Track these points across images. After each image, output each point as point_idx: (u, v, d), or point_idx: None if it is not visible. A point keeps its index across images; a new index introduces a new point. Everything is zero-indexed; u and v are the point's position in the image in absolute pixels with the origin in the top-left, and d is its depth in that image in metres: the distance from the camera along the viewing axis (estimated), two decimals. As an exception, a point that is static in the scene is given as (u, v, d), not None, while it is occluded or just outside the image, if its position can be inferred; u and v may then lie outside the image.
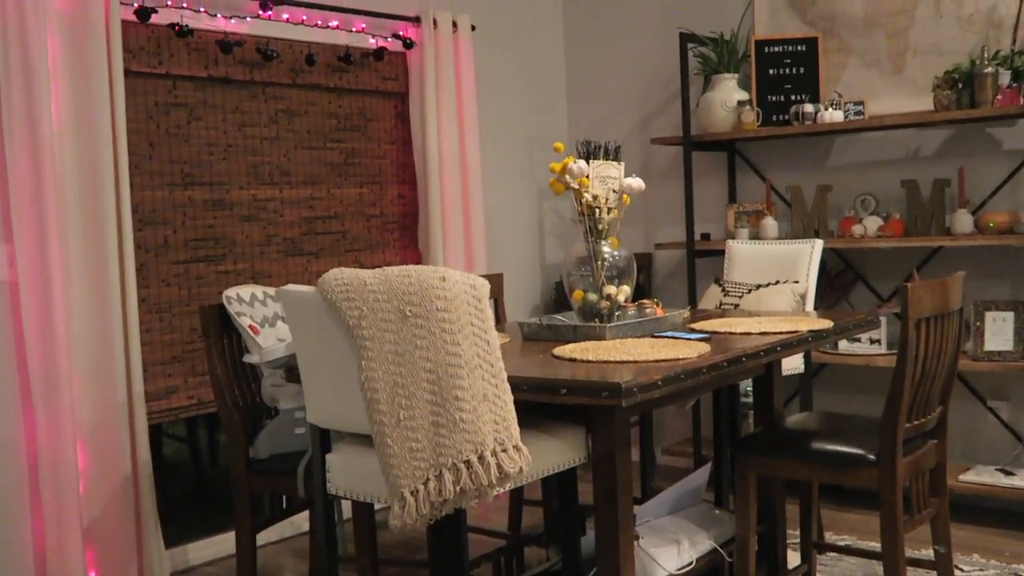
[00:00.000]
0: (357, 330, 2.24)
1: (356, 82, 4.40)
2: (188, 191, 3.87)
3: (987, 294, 4.24)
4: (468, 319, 2.21)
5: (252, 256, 4.08)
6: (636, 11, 5.17)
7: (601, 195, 3.08)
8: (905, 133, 4.45)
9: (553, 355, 2.68)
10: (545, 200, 5.31)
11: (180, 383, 3.85)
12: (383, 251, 4.58)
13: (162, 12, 3.67)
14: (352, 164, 4.45)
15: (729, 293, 3.98)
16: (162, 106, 3.80)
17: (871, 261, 4.57)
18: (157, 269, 3.79)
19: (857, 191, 4.54)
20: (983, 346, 4.11)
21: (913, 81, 4.38)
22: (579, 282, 3.13)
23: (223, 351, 3.21)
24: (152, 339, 3.76)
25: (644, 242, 5.17)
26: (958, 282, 2.92)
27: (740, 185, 4.92)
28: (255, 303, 3.23)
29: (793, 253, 4.01)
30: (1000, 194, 4.24)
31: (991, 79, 4.00)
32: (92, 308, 3.46)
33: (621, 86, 5.25)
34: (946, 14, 4.30)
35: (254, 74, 4.03)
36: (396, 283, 2.22)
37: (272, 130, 4.14)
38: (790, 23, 4.68)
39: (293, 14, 4.09)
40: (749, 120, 4.55)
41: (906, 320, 2.69)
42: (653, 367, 2.42)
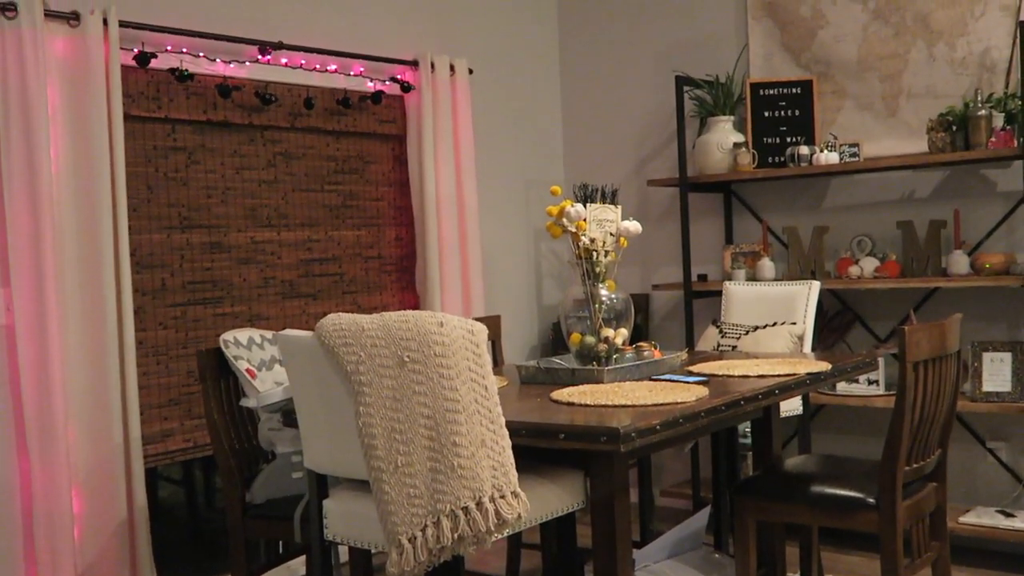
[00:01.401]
0: (355, 375, 2.23)
1: (354, 125, 4.43)
2: (186, 234, 3.88)
3: (984, 335, 4.24)
4: (466, 365, 2.21)
5: (250, 299, 4.08)
6: (632, 55, 5.21)
7: (598, 238, 3.09)
8: (900, 175, 4.47)
9: (551, 399, 2.67)
10: (542, 241, 5.32)
11: (176, 426, 3.83)
12: (381, 293, 4.58)
13: (162, 57, 3.69)
14: (350, 206, 4.46)
15: (727, 334, 3.98)
16: (161, 150, 3.82)
17: (868, 302, 4.58)
18: (154, 312, 3.79)
19: (853, 232, 4.56)
20: (981, 387, 4.10)
21: (907, 123, 4.41)
22: (577, 325, 3.14)
23: (220, 395, 3.20)
24: (149, 382, 3.74)
25: (641, 283, 5.18)
26: (955, 325, 2.92)
27: (737, 226, 4.94)
28: (252, 346, 3.22)
29: (790, 295, 4.02)
30: (996, 235, 4.26)
31: (985, 121, 4.03)
32: (89, 352, 3.45)
33: (618, 128, 5.29)
34: (939, 57, 4.34)
35: (253, 118, 4.05)
36: (394, 329, 2.22)
37: (270, 173, 4.16)
38: (785, 66, 4.72)
39: (292, 58, 4.12)
40: (745, 162, 4.58)
41: (904, 363, 2.69)
42: (651, 411, 2.42)
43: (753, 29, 4.80)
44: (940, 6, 4.32)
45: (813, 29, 4.64)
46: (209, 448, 3.71)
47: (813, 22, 4.63)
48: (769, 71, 4.75)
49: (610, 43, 5.28)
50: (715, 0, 4.93)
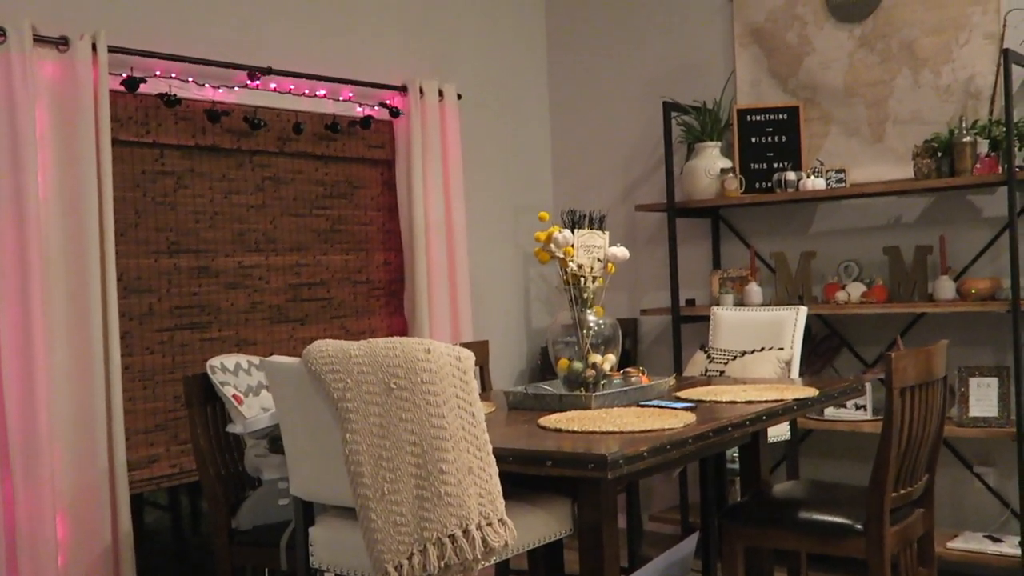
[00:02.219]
0: (342, 402, 2.23)
1: (343, 150, 4.43)
2: (174, 259, 3.88)
3: (971, 360, 4.25)
4: (453, 391, 2.21)
5: (237, 323, 4.07)
6: (620, 81, 5.24)
7: (586, 264, 3.10)
8: (887, 200, 4.50)
9: (539, 425, 2.67)
10: (531, 266, 5.33)
11: (162, 451, 3.81)
12: (369, 317, 4.58)
13: (151, 82, 3.70)
14: (338, 231, 4.46)
15: (714, 360, 3.99)
16: (149, 174, 3.82)
17: (855, 327, 4.59)
18: (141, 337, 3.77)
19: (840, 257, 4.58)
20: (968, 412, 4.11)
21: (893, 149, 4.44)
22: (565, 350, 3.14)
23: (206, 421, 3.19)
24: (135, 407, 3.73)
25: (629, 308, 5.18)
26: (942, 351, 2.93)
27: (724, 251, 4.95)
28: (239, 372, 3.21)
29: (778, 320, 4.03)
30: (981, 261, 4.28)
31: (970, 148, 4.06)
32: (74, 376, 3.43)
33: (606, 154, 5.31)
34: (924, 84, 4.37)
35: (241, 142, 4.06)
36: (381, 355, 2.22)
37: (259, 198, 4.16)
38: (771, 92, 4.75)
39: (281, 83, 4.13)
40: (732, 187, 4.60)
41: (890, 390, 2.69)
42: (639, 438, 2.42)
43: (740, 56, 4.83)
44: (925, 33, 4.36)
45: (799, 56, 4.67)
46: (195, 474, 3.69)
47: (799, 49, 4.67)
48: (756, 97, 4.78)
49: (598, 69, 5.31)
50: (702, 27, 4.97)
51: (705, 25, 4.96)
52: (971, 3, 4.24)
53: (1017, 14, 4.14)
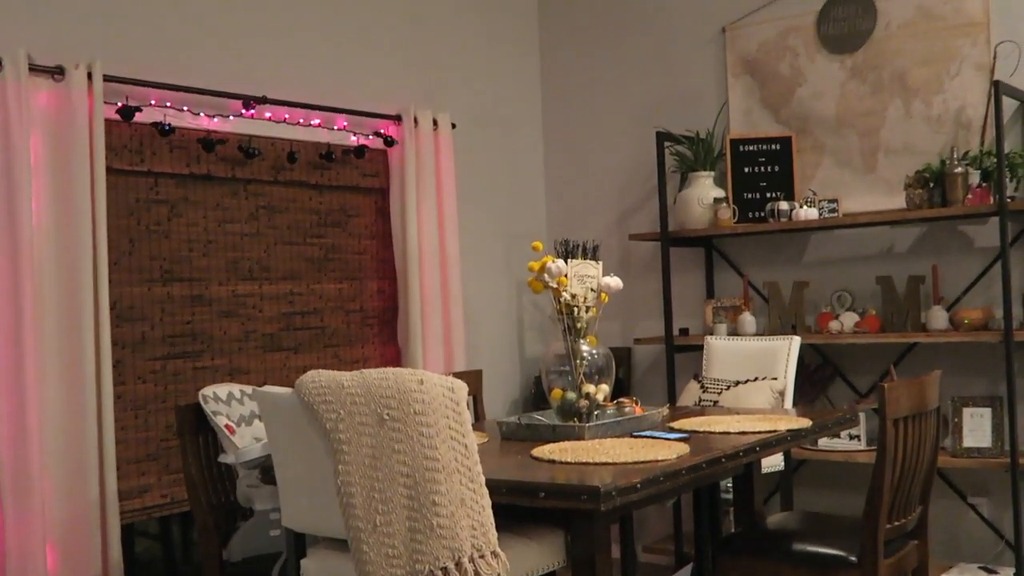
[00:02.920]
0: (334, 433, 2.22)
1: (337, 179, 4.44)
2: (167, 287, 3.87)
3: (964, 390, 4.26)
4: (446, 423, 2.20)
5: (230, 352, 4.06)
6: (614, 110, 5.27)
7: (579, 294, 3.10)
8: (879, 230, 4.52)
9: (532, 456, 2.66)
10: (524, 294, 5.33)
11: (154, 481, 3.79)
12: (362, 346, 4.57)
13: (146, 111, 3.71)
14: (332, 259, 4.46)
15: (708, 389, 3.98)
16: (143, 203, 3.82)
17: (848, 356, 4.59)
18: (134, 366, 3.76)
19: (833, 287, 4.59)
20: (962, 442, 4.11)
21: (885, 179, 4.47)
22: (558, 380, 3.14)
23: (198, 451, 3.17)
24: (127, 436, 3.71)
25: (623, 337, 5.18)
26: (935, 381, 2.93)
27: (718, 281, 4.96)
28: (232, 402, 3.20)
29: (771, 350, 4.03)
30: (974, 291, 4.30)
31: (961, 178, 4.08)
32: (66, 406, 3.42)
33: (599, 183, 5.33)
34: (916, 115, 4.40)
35: (236, 171, 4.06)
36: (374, 386, 2.21)
37: (253, 226, 4.16)
38: (764, 122, 4.78)
39: (276, 113, 4.15)
40: (725, 217, 4.61)
41: (884, 420, 2.69)
42: (632, 469, 2.41)
43: (733, 86, 4.86)
44: (916, 64, 4.39)
45: (792, 86, 4.70)
46: (186, 504, 3.66)
47: (792, 79, 4.70)
48: (749, 127, 4.81)
49: (592, 99, 5.34)
50: (695, 57, 5.00)
51: (698, 56, 4.99)
52: (961, 35, 4.28)
53: (1007, 46, 4.18)
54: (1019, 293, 4.11)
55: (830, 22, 4.58)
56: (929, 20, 4.36)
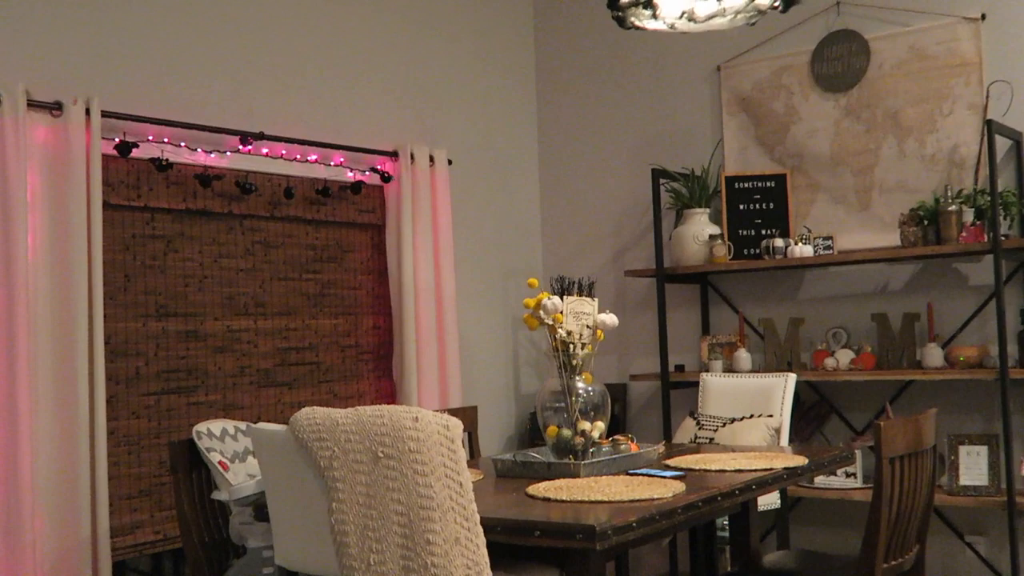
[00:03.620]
0: (328, 471, 2.21)
1: (333, 214, 4.45)
2: (162, 322, 3.86)
3: (960, 427, 4.25)
4: (441, 460, 2.19)
5: (224, 387, 4.05)
6: (609, 147, 5.29)
7: (575, 331, 3.10)
8: (874, 267, 4.53)
9: (527, 494, 2.65)
10: (520, 330, 5.33)
11: (146, 518, 3.76)
12: (357, 382, 4.56)
13: (143, 146, 3.72)
14: (328, 295, 4.46)
15: (704, 426, 3.97)
16: (139, 238, 3.82)
17: (844, 394, 4.59)
18: (127, 401, 3.74)
19: (829, 324, 4.59)
20: (958, 480, 4.10)
21: (880, 217, 4.48)
22: (553, 417, 3.13)
23: (191, 487, 3.15)
24: (119, 472, 3.69)
25: (619, 373, 5.17)
26: (931, 420, 2.93)
27: (713, 317, 4.96)
28: (226, 438, 3.19)
29: (767, 387, 4.02)
30: (969, 328, 4.30)
31: (955, 216, 4.10)
32: (59, 441, 3.40)
33: (595, 219, 5.34)
34: (910, 153, 4.43)
35: (232, 206, 4.07)
36: (369, 424, 2.21)
37: (248, 261, 4.16)
38: (759, 160, 4.80)
39: (272, 148, 4.16)
40: (721, 254, 4.62)
41: (880, 459, 2.68)
42: (628, 508, 2.40)
43: (728, 124, 4.89)
44: (909, 103, 4.42)
45: (786, 124, 4.73)
46: (179, 541, 3.63)
47: (786, 117, 4.73)
48: (744, 164, 4.83)
49: (588, 135, 5.37)
50: (690, 95, 5.04)
51: (693, 93, 5.03)
52: (954, 75, 4.32)
53: (1000, 86, 4.21)
54: (1014, 331, 4.12)
55: (824, 61, 4.62)
56: (922, 60, 4.40)
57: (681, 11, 3.13)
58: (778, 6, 3.10)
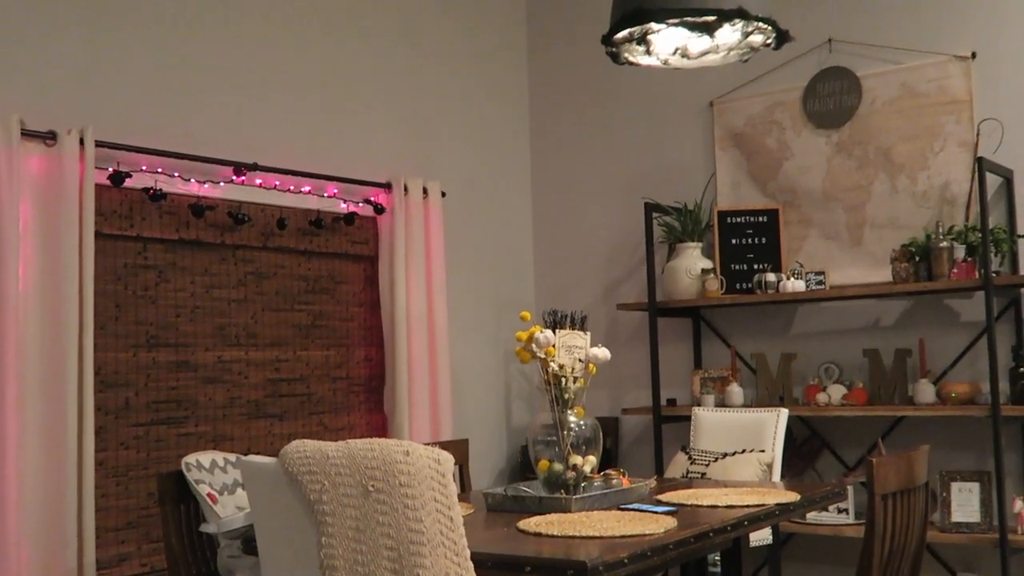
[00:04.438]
0: (318, 504, 2.19)
1: (326, 245, 4.45)
2: (152, 352, 3.85)
3: (952, 464, 4.24)
4: (432, 495, 2.18)
5: (214, 418, 4.02)
6: (603, 181, 5.31)
7: (567, 364, 3.09)
8: (866, 303, 4.54)
9: (518, 528, 2.63)
10: (512, 363, 5.31)
11: (133, 550, 3.72)
12: (348, 414, 4.54)
13: (136, 176, 3.72)
14: (319, 326, 4.45)
15: (696, 461, 3.96)
16: (131, 268, 3.81)
17: (836, 429, 4.58)
18: (116, 432, 3.72)
19: (821, 359, 4.59)
20: (951, 517, 4.09)
21: (872, 253, 4.50)
22: (545, 451, 3.11)
23: (179, 520, 3.12)
24: (107, 504, 3.65)
25: (611, 406, 5.16)
26: (923, 457, 2.92)
27: (705, 351, 4.96)
28: (215, 470, 3.16)
29: (759, 422, 4.01)
30: (960, 365, 4.30)
31: (947, 253, 4.11)
32: (46, 473, 3.37)
33: (588, 252, 5.35)
34: (901, 190, 4.45)
35: (225, 237, 4.07)
36: (359, 457, 2.19)
37: (240, 292, 4.15)
38: (751, 195, 4.82)
39: (266, 179, 4.17)
40: (713, 288, 4.63)
41: (872, 496, 2.68)
42: (619, 543, 2.39)
43: (720, 158, 4.91)
44: (901, 140, 4.45)
45: (779, 160, 4.76)
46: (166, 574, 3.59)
47: (779, 153, 4.76)
48: (736, 199, 4.85)
49: (581, 169, 5.39)
50: (684, 130, 5.06)
51: (686, 128, 5.05)
52: (945, 112, 4.35)
53: (990, 123, 4.24)
54: (1005, 368, 4.12)
55: (816, 98, 4.65)
56: (913, 97, 4.43)
57: (675, 47, 3.16)
58: (771, 43, 3.12)
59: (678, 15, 2.95)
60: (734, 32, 3.05)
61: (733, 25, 3.00)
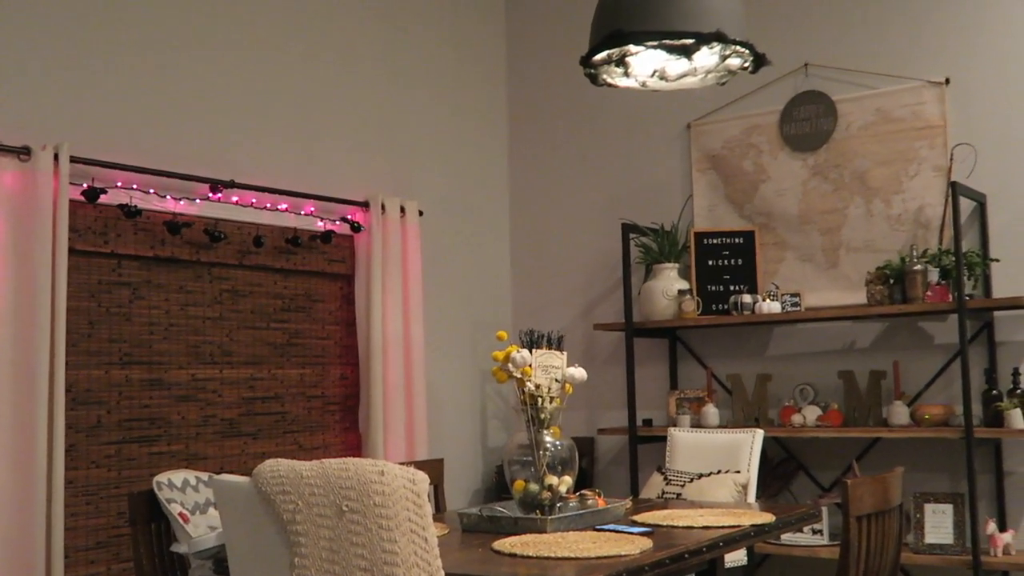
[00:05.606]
0: (291, 525, 2.17)
1: (303, 263, 4.43)
2: (125, 370, 3.81)
3: (926, 486, 4.26)
4: (406, 515, 2.16)
5: (187, 437, 3.99)
6: (580, 202, 5.33)
7: (543, 385, 3.08)
8: (841, 325, 4.56)
9: (493, 549, 2.62)
10: (488, 383, 5.30)
11: (103, 570, 3.68)
12: (323, 433, 4.51)
13: (111, 192, 3.70)
14: (295, 344, 4.43)
15: (671, 482, 3.95)
16: (105, 285, 3.78)
17: (811, 450, 4.59)
18: (88, 450, 3.68)
19: (796, 381, 4.61)
20: (924, 539, 4.10)
21: (847, 276, 4.53)
22: (520, 471, 3.10)
23: (150, 540, 3.08)
24: (77, 523, 3.61)
25: (587, 427, 5.15)
26: (897, 478, 2.93)
27: (681, 372, 4.97)
28: (187, 489, 3.13)
29: (735, 443, 4.02)
30: (934, 387, 4.33)
31: (921, 276, 4.14)
32: (15, 491, 3.32)
33: (565, 273, 5.35)
34: (876, 214, 4.49)
35: (200, 254, 4.05)
36: (333, 476, 2.17)
37: (216, 310, 4.13)
38: (728, 217, 4.85)
39: (243, 197, 4.15)
40: (690, 309, 4.64)
41: (847, 517, 2.68)
42: (595, 564, 2.38)
43: (698, 181, 4.94)
44: (876, 165, 4.49)
45: (755, 183, 4.79)
46: (136, 594, 3.55)
47: (755, 176, 4.79)
48: (713, 221, 4.87)
49: (559, 190, 5.40)
50: (661, 152, 5.09)
51: (664, 151, 5.08)
52: (919, 137, 4.39)
53: (963, 148, 4.29)
54: (978, 390, 4.15)
55: (792, 122, 4.69)
56: (888, 123, 4.47)
57: (653, 70, 3.17)
58: (748, 67, 3.15)
59: (657, 38, 2.96)
60: (712, 55, 3.07)
61: (711, 48, 3.02)
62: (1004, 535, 3.99)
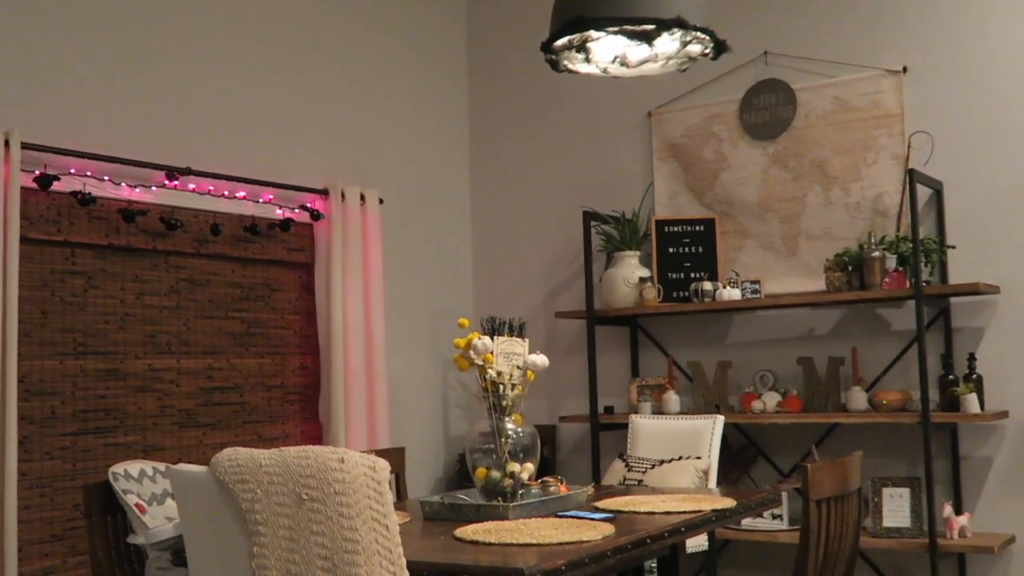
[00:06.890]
0: (250, 514, 2.14)
1: (261, 252, 4.38)
2: (80, 360, 3.75)
3: (884, 470, 4.30)
4: (367, 503, 2.14)
5: (144, 428, 3.93)
6: (542, 190, 5.32)
7: (505, 372, 3.07)
8: (800, 312, 4.59)
9: (455, 537, 2.60)
10: (450, 372, 5.28)
11: (59, 563, 3.62)
12: (283, 423, 4.47)
13: (65, 180, 3.63)
14: (254, 334, 4.38)
15: (633, 468, 3.96)
16: (58, 274, 3.71)
17: (771, 436, 4.62)
18: (42, 442, 3.62)
19: (756, 367, 4.63)
20: (882, 522, 4.14)
21: (806, 263, 4.56)
22: (482, 459, 3.09)
23: (106, 532, 3.03)
24: (31, 516, 3.55)
25: (549, 414, 5.15)
26: (856, 462, 2.95)
27: (643, 359, 4.98)
28: (144, 479, 3.08)
29: (696, 429, 4.03)
30: (892, 373, 4.37)
31: (879, 263, 4.18)
32: (-33, 484, 3.26)
33: (527, 261, 5.35)
34: (835, 201, 4.52)
35: (157, 243, 3.99)
36: (293, 465, 2.15)
37: (173, 299, 4.07)
38: (689, 205, 4.86)
39: (200, 184, 4.09)
40: (651, 296, 4.65)
41: (807, 501, 2.70)
42: (557, 551, 2.37)
43: (659, 169, 4.94)
44: (835, 153, 4.52)
45: (716, 171, 4.80)
46: (93, 587, 3.50)
47: (716, 164, 4.80)
48: (674, 209, 4.88)
49: (520, 177, 5.39)
50: (622, 140, 5.09)
51: (624, 139, 5.08)
52: (877, 126, 4.42)
53: (921, 136, 4.32)
54: (935, 376, 4.20)
55: (752, 110, 4.71)
56: (847, 111, 4.50)
57: (614, 56, 3.16)
58: (708, 53, 3.15)
59: (617, 23, 2.95)
60: (673, 41, 3.07)
61: (672, 34, 3.02)
62: (960, 518, 4.04)
